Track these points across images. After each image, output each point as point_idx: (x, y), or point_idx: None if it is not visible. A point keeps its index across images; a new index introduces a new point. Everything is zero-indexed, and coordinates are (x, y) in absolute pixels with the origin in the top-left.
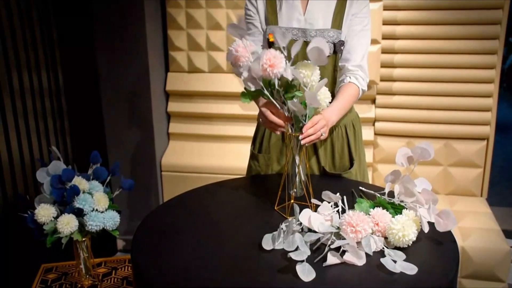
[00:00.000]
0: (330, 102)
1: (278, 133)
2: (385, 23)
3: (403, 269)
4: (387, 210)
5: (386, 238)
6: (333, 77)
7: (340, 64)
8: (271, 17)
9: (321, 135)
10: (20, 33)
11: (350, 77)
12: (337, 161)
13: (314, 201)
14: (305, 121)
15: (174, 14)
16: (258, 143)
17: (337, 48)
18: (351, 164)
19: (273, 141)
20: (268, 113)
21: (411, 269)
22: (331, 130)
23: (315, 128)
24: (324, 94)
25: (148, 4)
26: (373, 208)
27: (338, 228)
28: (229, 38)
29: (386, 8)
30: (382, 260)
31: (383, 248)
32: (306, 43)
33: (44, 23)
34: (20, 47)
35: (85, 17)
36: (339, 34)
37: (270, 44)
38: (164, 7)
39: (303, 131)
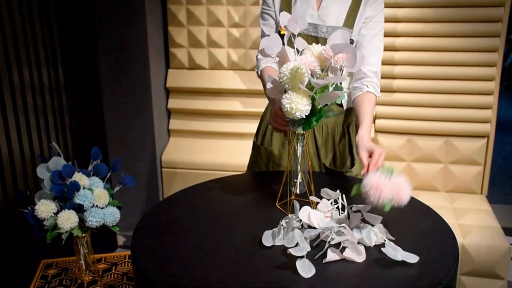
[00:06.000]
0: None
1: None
2: (386, 20)
3: (405, 258)
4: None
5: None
6: None
7: None
8: (285, 10)
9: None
10: (21, 29)
11: (368, 86)
12: (338, 160)
13: (313, 198)
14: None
15: (174, 11)
16: (261, 135)
17: None
18: (352, 164)
19: (276, 134)
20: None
21: (412, 258)
22: (334, 130)
23: (375, 164)
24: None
25: (148, 0)
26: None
27: (339, 224)
28: (229, 35)
29: (387, 6)
30: (383, 249)
31: (384, 241)
32: (316, 39)
33: (45, 19)
34: (20, 43)
35: (85, 13)
36: (350, 33)
37: (281, 37)
38: (165, 4)
39: (369, 169)
